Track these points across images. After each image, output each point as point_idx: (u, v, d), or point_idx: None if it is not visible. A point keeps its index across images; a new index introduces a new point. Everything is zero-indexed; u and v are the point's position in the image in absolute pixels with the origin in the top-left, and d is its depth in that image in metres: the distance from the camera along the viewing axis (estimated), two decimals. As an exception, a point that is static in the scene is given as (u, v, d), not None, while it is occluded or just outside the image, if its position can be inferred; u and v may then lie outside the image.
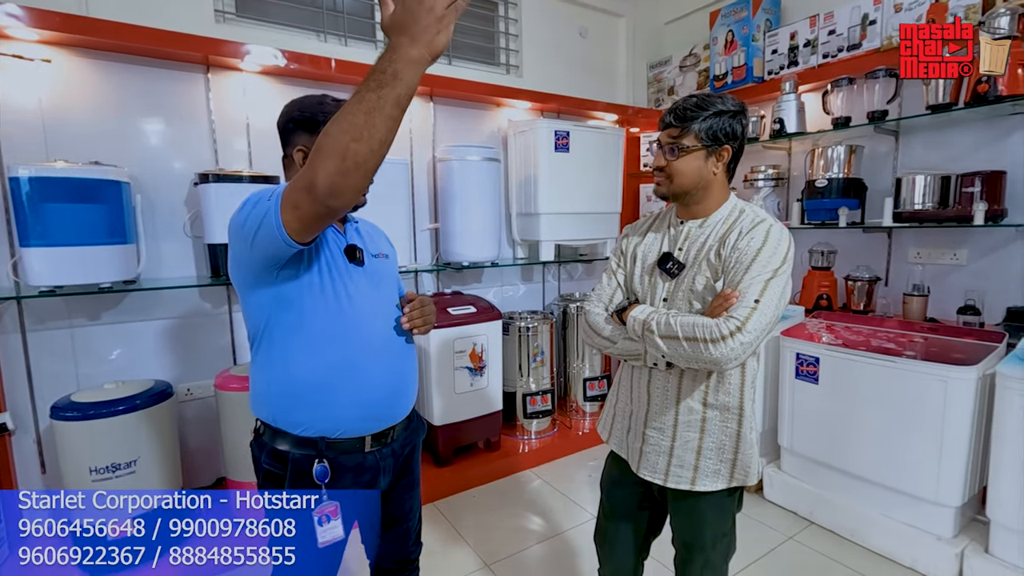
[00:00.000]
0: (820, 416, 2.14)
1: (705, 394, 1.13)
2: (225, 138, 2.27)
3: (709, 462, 1.14)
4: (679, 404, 1.15)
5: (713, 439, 1.14)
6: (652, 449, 1.18)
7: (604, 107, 3.22)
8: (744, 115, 1.11)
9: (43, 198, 1.73)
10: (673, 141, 1.09)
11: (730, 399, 1.13)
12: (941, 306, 2.27)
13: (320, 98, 1.09)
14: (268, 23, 2.44)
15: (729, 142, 1.10)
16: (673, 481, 1.16)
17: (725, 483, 1.14)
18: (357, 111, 0.77)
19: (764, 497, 2.35)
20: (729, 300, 1.01)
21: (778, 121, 2.59)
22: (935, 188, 2.14)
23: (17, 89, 1.89)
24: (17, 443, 1.98)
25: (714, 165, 1.11)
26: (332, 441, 1.08)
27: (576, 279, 3.49)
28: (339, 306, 1.06)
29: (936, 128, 2.27)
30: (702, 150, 1.09)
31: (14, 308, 1.94)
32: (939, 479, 1.81)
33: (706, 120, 1.07)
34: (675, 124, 1.09)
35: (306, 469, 1.06)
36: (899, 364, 1.89)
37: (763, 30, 2.81)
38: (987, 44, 1.81)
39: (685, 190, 1.11)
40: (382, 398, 1.12)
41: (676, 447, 1.15)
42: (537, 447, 2.79)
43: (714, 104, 1.08)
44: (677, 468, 1.15)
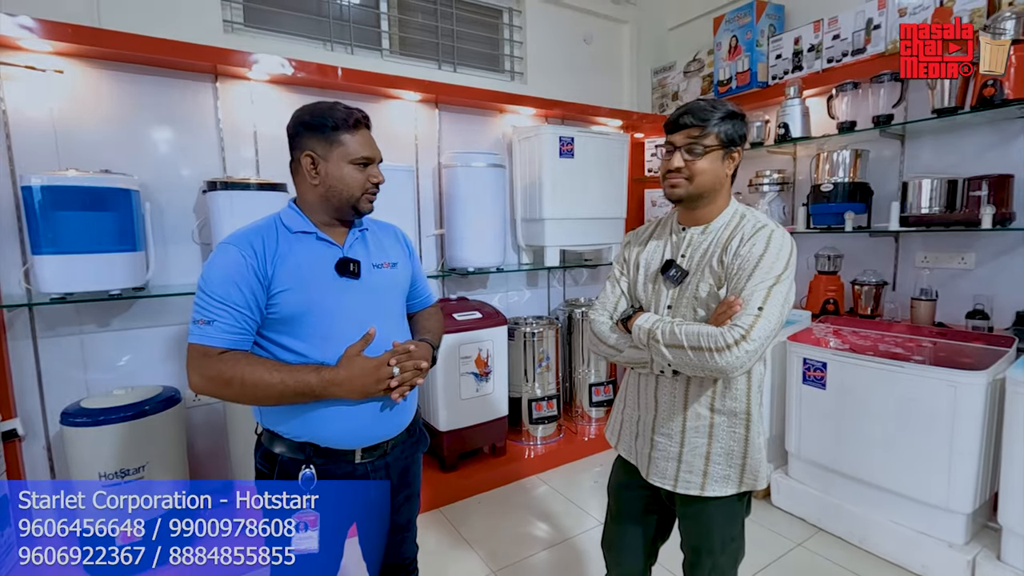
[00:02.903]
0: (828, 421, 2.12)
1: (712, 400, 1.13)
2: (233, 146, 2.29)
3: (718, 467, 1.14)
4: (687, 410, 1.15)
5: (722, 444, 1.14)
6: (661, 455, 1.18)
7: (608, 113, 3.23)
8: (745, 121, 1.13)
9: (54, 206, 1.75)
10: (694, 141, 1.08)
11: (737, 404, 1.13)
12: (949, 310, 2.25)
13: (332, 104, 1.10)
14: (275, 33, 2.47)
15: (739, 145, 1.11)
16: (683, 487, 1.15)
17: (735, 488, 1.14)
18: (271, 391, 1.00)
19: (772, 503, 2.33)
20: (733, 308, 1.01)
21: (783, 126, 2.59)
22: (942, 192, 2.13)
23: (30, 99, 1.92)
24: (27, 448, 2.00)
25: (727, 167, 1.11)
26: (320, 448, 1.08)
27: (581, 284, 3.49)
28: (326, 322, 1.06)
29: (942, 132, 2.26)
30: (720, 150, 1.09)
31: (26, 315, 1.96)
32: (949, 485, 1.80)
33: (724, 122, 1.08)
34: (696, 124, 1.08)
35: (293, 473, 1.07)
36: (907, 369, 1.88)
37: (767, 35, 2.81)
38: (987, 44, 1.80)
39: (703, 191, 1.11)
40: (371, 415, 1.11)
41: (685, 453, 1.15)
42: (543, 452, 2.78)
43: (725, 106, 1.09)
44: (686, 474, 1.15)
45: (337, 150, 1.07)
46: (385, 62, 2.72)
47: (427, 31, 2.87)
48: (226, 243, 1.04)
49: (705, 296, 1.09)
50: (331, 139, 1.07)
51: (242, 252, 1.01)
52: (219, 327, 0.98)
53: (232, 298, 0.99)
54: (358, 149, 1.08)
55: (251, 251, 1.02)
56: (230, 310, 0.99)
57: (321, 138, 1.07)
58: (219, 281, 1.00)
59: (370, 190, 1.11)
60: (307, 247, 1.08)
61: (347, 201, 1.10)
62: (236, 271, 1.00)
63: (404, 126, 2.71)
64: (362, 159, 1.09)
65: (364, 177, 1.10)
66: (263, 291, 1.02)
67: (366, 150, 1.09)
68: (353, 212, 1.12)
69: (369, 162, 1.10)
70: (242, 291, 1.00)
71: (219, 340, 0.99)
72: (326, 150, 1.07)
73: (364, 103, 2.32)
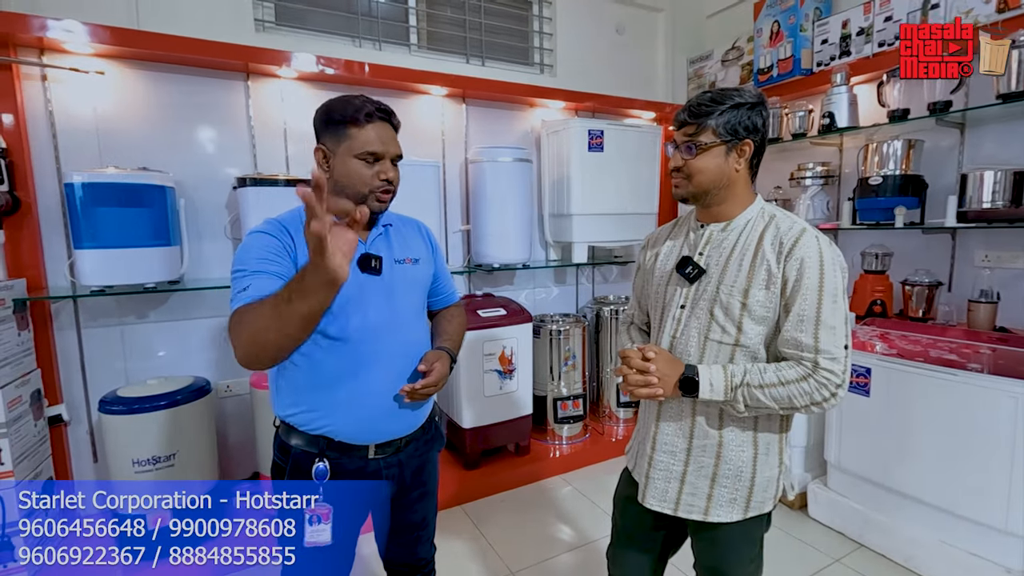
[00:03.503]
0: (871, 431, 1.99)
1: (720, 416, 1.05)
2: (264, 142, 2.34)
3: (724, 490, 1.06)
4: (694, 427, 1.07)
5: (730, 466, 1.05)
6: (661, 475, 1.10)
7: (641, 105, 3.13)
8: (764, 107, 1.02)
9: (94, 202, 1.83)
10: (689, 139, 1.02)
11: (746, 421, 1.05)
12: (1012, 314, 2.07)
13: (350, 97, 1.08)
14: (305, 30, 2.50)
15: (750, 136, 1.01)
16: (684, 511, 1.08)
17: (740, 514, 1.06)
18: (279, 299, 0.85)
19: (808, 515, 2.21)
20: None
21: (828, 115, 2.44)
22: (1007, 185, 1.94)
23: (74, 100, 2.01)
24: (72, 433, 2.11)
25: (736, 161, 1.02)
26: (334, 443, 1.07)
27: (611, 281, 3.41)
28: (344, 316, 1.05)
29: (1008, 119, 2.07)
30: (721, 146, 1.01)
31: (70, 306, 2.06)
32: (1009, 505, 1.65)
33: (723, 114, 0.99)
34: (690, 121, 1.02)
35: (306, 466, 1.06)
36: (962, 377, 1.73)
37: (812, 19, 2.65)
38: (987, 44, 1.77)
39: (705, 189, 1.04)
40: (385, 412, 1.10)
41: (689, 472, 1.08)
42: (568, 453, 2.74)
43: (731, 97, 1.00)
44: (689, 496, 1.08)
45: (344, 144, 1.04)
46: (413, 57, 2.72)
47: (455, 25, 2.85)
48: (255, 230, 1.05)
49: (727, 298, 1.01)
50: (339, 133, 1.05)
51: (272, 234, 1.02)
52: (252, 290, 0.94)
53: (268, 268, 0.98)
54: (364, 143, 1.04)
55: (279, 229, 1.03)
56: (263, 274, 0.97)
57: (332, 132, 1.06)
58: (251, 256, 0.99)
59: (379, 187, 1.06)
60: None
61: (354, 198, 1.06)
62: (270, 248, 1.00)
63: (431, 121, 2.70)
64: (367, 154, 1.04)
65: (371, 173, 1.05)
66: (293, 267, 1.01)
67: (374, 145, 1.04)
68: None
69: (378, 158, 1.05)
70: (278, 262, 0.99)
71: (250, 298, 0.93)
72: (335, 144, 1.06)
73: (391, 99, 2.32)
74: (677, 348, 1.08)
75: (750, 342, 1.01)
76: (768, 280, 0.98)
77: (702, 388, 0.99)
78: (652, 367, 1.00)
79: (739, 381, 0.98)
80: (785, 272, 0.97)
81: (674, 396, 1.03)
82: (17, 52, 1.89)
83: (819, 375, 0.95)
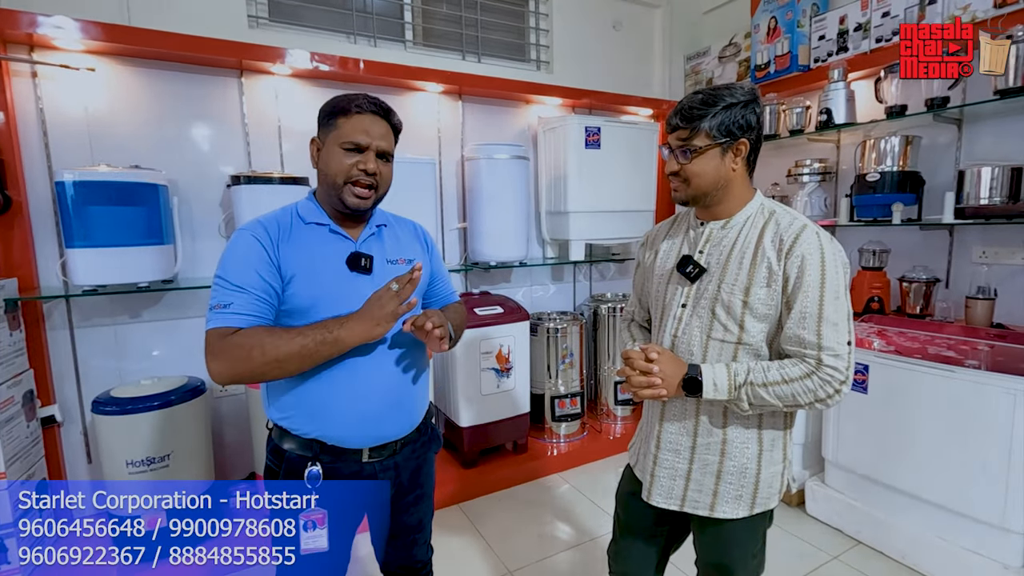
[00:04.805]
0: (869, 428, 1.99)
1: (725, 413, 1.05)
2: (258, 140, 2.31)
3: (729, 487, 1.06)
4: (698, 425, 1.07)
5: (735, 462, 1.05)
6: (666, 472, 1.10)
7: (638, 102, 3.12)
8: (757, 103, 1.01)
9: (86, 201, 1.81)
10: (683, 143, 1.01)
11: (750, 419, 1.05)
12: (1010, 311, 2.07)
13: (351, 95, 1.06)
14: (299, 27, 2.48)
15: (745, 134, 1.00)
16: (690, 506, 1.08)
17: (747, 510, 1.06)
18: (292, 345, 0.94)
19: (806, 512, 2.21)
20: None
21: (825, 112, 2.43)
22: (1004, 181, 1.94)
23: (65, 97, 1.98)
24: (66, 434, 2.09)
25: (732, 161, 1.01)
26: (328, 446, 1.06)
27: (609, 279, 3.40)
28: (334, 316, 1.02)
29: (1005, 115, 2.06)
30: (716, 148, 0.99)
31: (63, 306, 2.04)
32: (1006, 502, 1.65)
33: (716, 116, 0.98)
34: (683, 125, 1.00)
35: (300, 470, 1.05)
36: (959, 374, 1.73)
37: (809, 15, 2.64)
38: (987, 44, 1.76)
39: (704, 192, 1.03)
40: (378, 414, 1.08)
41: (694, 471, 1.07)
42: (566, 451, 2.73)
43: (723, 98, 0.98)
44: (695, 492, 1.08)
45: (332, 134, 1.04)
46: (408, 54, 2.69)
47: (451, 21, 2.83)
48: (241, 229, 1.04)
49: (728, 296, 1.01)
50: (329, 124, 1.04)
51: (255, 235, 1.01)
52: (236, 308, 0.95)
53: (248, 282, 0.97)
54: (348, 133, 1.02)
55: (264, 234, 1.02)
56: (247, 293, 0.97)
57: (325, 124, 1.06)
58: (235, 266, 0.98)
59: (355, 178, 1.02)
60: (319, 238, 1.06)
61: (330, 189, 1.04)
62: (251, 255, 0.99)
63: (427, 118, 2.69)
64: (350, 143, 1.02)
65: (350, 163, 1.02)
66: (278, 275, 1.00)
67: (357, 134, 1.02)
68: (341, 204, 1.05)
69: (360, 148, 1.02)
70: (259, 274, 0.98)
71: (236, 320, 0.95)
72: (326, 135, 1.05)
73: (387, 95, 2.29)
74: (679, 347, 1.07)
75: (753, 340, 1.01)
76: (769, 278, 0.98)
77: (705, 388, 0.98)
78: (655, 368, 1.00)
79: (743, 380, 0.97)
80: (786, 270, 0.96)
81: (677, 396, 1.02)
82: (7, 49, 1.87)
83: (823, 372, 0.94)
